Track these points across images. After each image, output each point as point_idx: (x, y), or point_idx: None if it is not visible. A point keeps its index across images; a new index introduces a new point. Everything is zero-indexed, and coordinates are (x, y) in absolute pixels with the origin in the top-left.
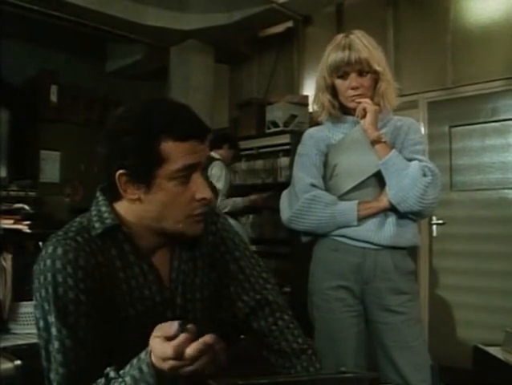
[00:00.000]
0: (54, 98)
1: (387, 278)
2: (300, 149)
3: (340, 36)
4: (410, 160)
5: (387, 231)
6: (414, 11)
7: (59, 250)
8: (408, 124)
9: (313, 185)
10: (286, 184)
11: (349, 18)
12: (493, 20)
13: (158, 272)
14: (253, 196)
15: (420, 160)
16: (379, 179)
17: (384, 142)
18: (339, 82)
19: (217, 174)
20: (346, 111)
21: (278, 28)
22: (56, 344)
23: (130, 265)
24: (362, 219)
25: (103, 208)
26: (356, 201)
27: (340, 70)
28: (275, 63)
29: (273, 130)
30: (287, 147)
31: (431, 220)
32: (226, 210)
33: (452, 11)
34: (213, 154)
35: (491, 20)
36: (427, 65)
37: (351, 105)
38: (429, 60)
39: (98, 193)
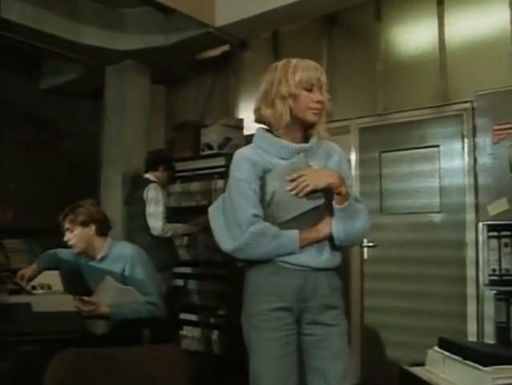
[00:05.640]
0: None
1: (323, 296)
2: (237, 173)
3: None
4: None
5: (324, 256)
6: (347, 39)
7: None
8: (339, 152)
9: (256, 216)
10: None
11: (285, 44)
12: (421, 50)
13: None
14: (193, 228)
15: (356, 199)
16: (314, 208)
17: (347, 193)
18: (304, 93)
19: (154, 197)
20: (286, 131)
21: (216, 51)
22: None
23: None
24: (302, 247)
25: None
26: (297, 232)
27: (309, 84)
28: (212, 86)
29: (208, 152)
30: (222, 169)
31: (362, 243)
32: (168, 235)
33: (382, 40)
34: (149, 176)
35: (419, 50)
36: (359, 92)
37: (311, 118)
38: (361, 87)
39: None
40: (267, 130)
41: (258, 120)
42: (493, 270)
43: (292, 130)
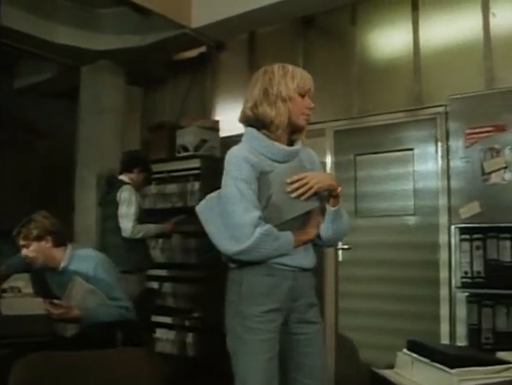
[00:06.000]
0: None
1: (309, 295)
2: (237, 173)
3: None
4: None
5: (310, 256)
6: (323, 42)
7: None
8: (317, 157)
9: (260, 218)
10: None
11: (261, 46)
12: (396, 54)
13: None
14: (165, 226)
15: None
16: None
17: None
18: (299, 98)
19: (127, 198)
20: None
21: (192, 53)
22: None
23: None
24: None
25: None
26: (291, 233)
27: (304, 91)
28: (188, 87)
29: (183, 154)
30: (197, 171)
31: (337, 244)
32: (139, 236)
33: (358, 44)
34: (123, 178)
35: (394, 54)
36: (334, 95)
37: (302, 122)
38: (337, 90)
39: None
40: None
41: (252, 118)
42: (465, 273)
43: (283, 133)
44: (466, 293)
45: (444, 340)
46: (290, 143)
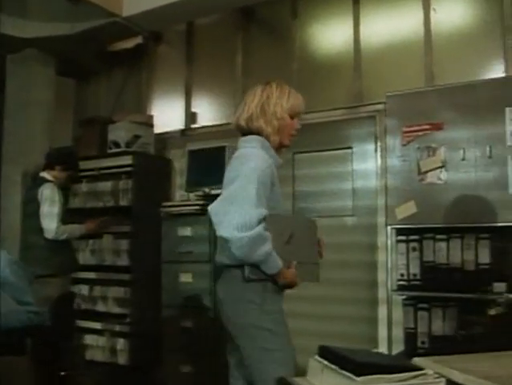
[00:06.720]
0: None
1: None
2: (261, 174)
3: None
4: None
5: None
6: (263, 36)
7: None
8: None
9: (265, 217)
10: (128, 208)
11: (199, 38)
12: (337, 50)
13: None
14: (87, 225)
15: None
16: None
17: None
18: (289, 119)
19: (49, 197)
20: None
21: (128, 44)
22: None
23: None
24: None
25: None
26: (281, 264)
27: (295, 113)
28: (124, 80)
29: (114, 150)
30: (129, 168)
31: None
32: (63, 238)
33: (298, 39)
34: (45, 175)
35: (334, 50)
36: None
37: (287, 142)
38: None
39: None
40: None
41: (245, 129)
42: (402, 275)
43: (284, 143)
44: (403, 296)
45: (382, 344)
46: None
